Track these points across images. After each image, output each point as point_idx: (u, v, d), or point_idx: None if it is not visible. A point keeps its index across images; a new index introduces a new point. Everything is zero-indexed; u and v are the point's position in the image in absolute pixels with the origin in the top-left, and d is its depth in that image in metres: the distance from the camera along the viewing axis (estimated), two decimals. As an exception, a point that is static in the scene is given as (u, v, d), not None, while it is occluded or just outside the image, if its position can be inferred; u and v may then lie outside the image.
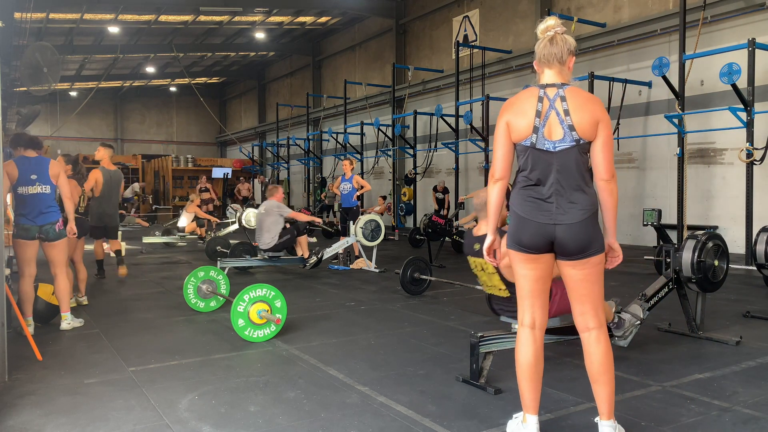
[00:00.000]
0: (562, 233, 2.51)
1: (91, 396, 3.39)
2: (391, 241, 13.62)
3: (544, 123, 2.51)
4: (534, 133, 2.52)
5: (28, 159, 4.86)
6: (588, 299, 2.61)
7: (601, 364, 2.59)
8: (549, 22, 2.61)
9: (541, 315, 2.69)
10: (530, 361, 2.67)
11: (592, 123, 2.49)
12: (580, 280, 2.59)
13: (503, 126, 2.61)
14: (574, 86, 2.57)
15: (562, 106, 2.50)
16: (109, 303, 6.27)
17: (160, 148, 31.78)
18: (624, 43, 11.92)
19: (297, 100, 24.49)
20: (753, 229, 8.12)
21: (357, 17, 20.37)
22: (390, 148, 17.31)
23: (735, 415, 3.06)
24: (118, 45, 21.08)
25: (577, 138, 2.49)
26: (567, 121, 2.49)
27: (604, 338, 2.62)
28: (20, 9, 13.77)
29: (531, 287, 2.66)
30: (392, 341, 4.60)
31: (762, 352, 4.21)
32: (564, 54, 2.57)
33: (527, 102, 2.56)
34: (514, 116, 2.58)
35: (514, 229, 2.63)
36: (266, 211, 8.09)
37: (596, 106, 2.53)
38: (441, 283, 6.81)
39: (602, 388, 2.60)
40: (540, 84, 2.59)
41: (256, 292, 4.53)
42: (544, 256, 2.61)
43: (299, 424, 2.96)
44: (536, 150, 2.53)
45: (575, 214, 2.51)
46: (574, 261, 2.56)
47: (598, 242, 2.56)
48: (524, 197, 2.59)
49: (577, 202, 2.51)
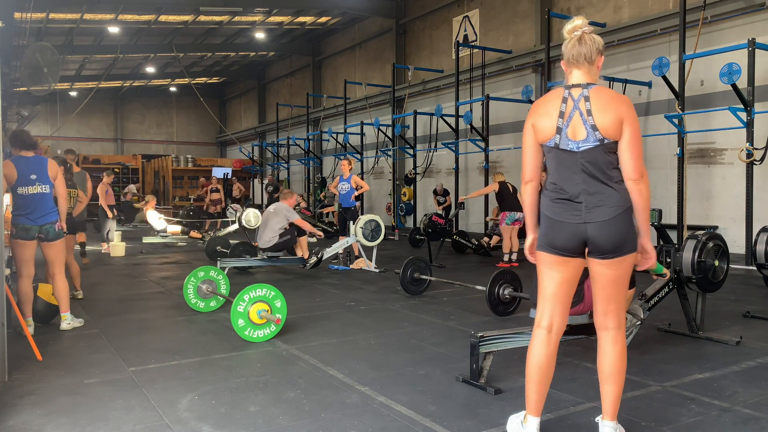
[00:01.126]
0: (594, 231, 2.50)
1: (91, 396, 3.39)
2: (391, 241, 13.62)
3: (567, 123, 2.51)
4: (557, 134, 2.53)
5: (26, 159, 4.86)
6: (614, 299, 2.60)
7: (614, 365, 2.60)
8: (576, 22, 2.59)
9: (559, 320, 2.66)
10: (541, 364, 2.65)
11: (616, 122, 2.46)
12: (611, 280, 2.57)
13: (529, 128, 2.63)
14: (600, 86, 2.55)
15: (585, 107, 2.49)
16: (109, 303, 6.26)
17: (160, 148, 31.77)
18: (624, 43, 11.92)
19: (297, 100, 24.48)
20: (753, 229, 8.13)
21: (357, 17, 20.37)
22: (390, 148, 17.30)
23: (735, 415, 3.06)
24: (118, 45, 21.08)
25: (600, 138, 2.47)
26: (589, 121, 2.48)
27: (621, 340, 2.62)
28: (20, 9, 13.76)
29: (555, 290, 2.65)
30: (392, 341, 4.60)
31: (762, 352, 4.21)
32: (593, 53, 2.54)
33: (551, 103, 2.57)
34: (539, 118, 2.59)
35: (546, 231, 2.62)
36: (275, 210, 8.24)
37: (621, 104, 2.50)
38: (441, 283, 6.81)
39: (611, 389, 2.60)
40: (566, 85, 2.59)
41: (256, 292, 4.53)
42: (574, 260, 2.61)
43: (299, 424, 2.96)
44: (560, 150, 2.54)
45: (605, 212, 2.48)
46: (608, 260, 2.54)
47: (632, 241, 2.54)
48: (552, 198, 2.60)
49: (606, 200, 2.49)
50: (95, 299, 6.45)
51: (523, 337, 3.73)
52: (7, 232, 4.79)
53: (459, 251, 10.80)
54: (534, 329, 2.70)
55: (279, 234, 8.08)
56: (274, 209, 8.27)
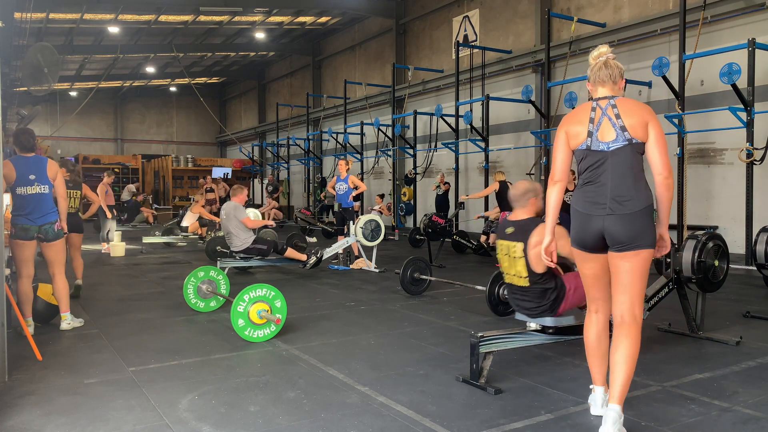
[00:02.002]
0: (611, 223, 2.74)
1: (91, 396, 3.39)
2: (391, 241, 13.62)
3: (597, 128, 2.81)
4: (589, 137, 2.82)
5: (25, 159, 4.86)
6: (629, 290, 2.79)
7: (624, 354, 2.78)
8: (602, 49, 2.97)
9: (603, 305, 2.99)
10: (594, 340, 3.00)
11: (642, 124, 2.76)
12: (626, 271, 2.77)
13: (563, 135, 2.94)
14: (624, 97, 2.87)
15: (613, 112, 2.80)
16: (109, 303, 6.26)
17: (160, 148, 31.77)
18: (624, 43, 11.92)
19: (297, 100, 24.48)
20: (753, 229, 8.12)
21: (357, 17, 20.37)
22: (390, 148, 17.30)
23: (735, 415, 3.06)
24: (118, 45, 21.08)
25: (629, 137, 2.75)
26: (618, 123, 2.77)
27: (635, 331, 2.81)
28: (20, 9, 13.76)
29: (590, 283, 2.99)
30: (392, 341, 4.60)
31: (762, 352, 4.21)
32: (617, 76, 2.88)
33: (582, 113, 2.89)
34: (572, 125, 2.90)
35: (576, 228, 2.89)
36: (226, 215, 7.62)
37: (645, 110, 2.82)
38: (441, 283, 6.81)
39: (621, 375, 2.76)
40: (594, 99, 2.91)
41: (256, 292, 4.53)
42: (600, 256, 2.87)
43: (299, 424, 2.96)
44: (592, 152, 2.81)
45: (627, 206, 2.72)
46: (623, 252, 2.75)
47: (650, 237, 2.75)
48: (583, 195, 2.85)
49: (632, 197, 2.73)
50: (95, 299, 6.45)
51: (523, 337, 3.74)
52: (7, 232, 4.79)
53: (459, 251, 10.79)
54: (586, 315, 3.07)
55: (251, 239, 7.67)
56: (226, 214, 7.63)
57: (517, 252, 3.64)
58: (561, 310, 3.69)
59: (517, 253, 3.64)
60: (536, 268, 3.56)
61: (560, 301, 3.66)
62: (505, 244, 3.73)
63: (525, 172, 14.17)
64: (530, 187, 3.76)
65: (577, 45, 12.69)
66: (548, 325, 3.72)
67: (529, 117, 14.07)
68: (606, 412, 2.75)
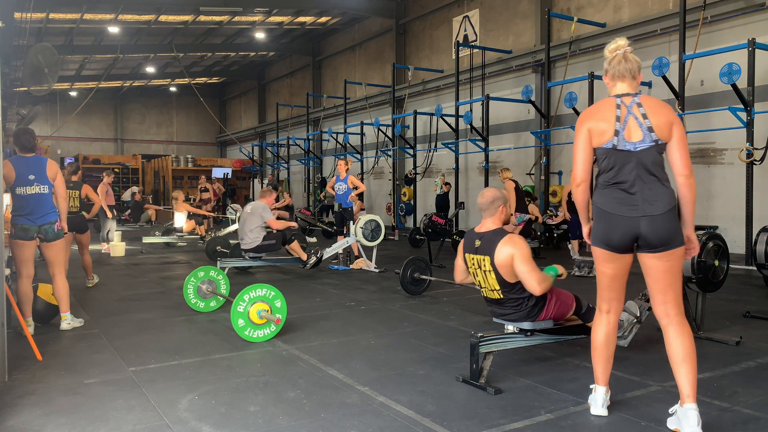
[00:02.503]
0: (647, 225, 2.72)
1: (91, 396, 3.39)
2: (391, 241, 13.62)
3: (623, 126, 2.78)
4: (615, 135, 2.78)
5: (25, 159, 4.85)
6: (671, 289, 2.81)
7: (685, 348, 2.76)
8: (619, 42, 2.91)
9: (616, 305, 3.00)
10: (602, 340, 2.99)
11: (668, 124, 2.76)
12: (664, 271, 2.79)
13: (585, 133, 2.86)
14: (645, 95, 2.86)
15: (639, 111, 2.78)
16: (109, 303, 6.26)
17: (160, 148, 31.77)
18: (624, 43, 11.92)
19: (297, 100, 24.49)
20: (753, 229, 8.12)
21: (357, 17, 20.37)
22: (390, 148, 17.30)
23: (735, 415, 3.06)
24: (118, 45, 21.08)
25: (655, 138, 2.74)
26: (646, 123, 2.75)
27: (687, 326, 2.82)
28: (20, 9, 13.76)
29: (608, 284, 2.96)
30: (392, 341, 4.60)
31: (762, 352, 4.21)
32: (635, 70, 2.88)
33: (606, 109, 2.84)
34: (596, 123, 2.83)
35: (602, 228, 2.85)
36: (252, 210, 7.93)
37: (668, 110, 2.81)
38: (441, 283, 6.81)
39: (687, 370, 2.74)
40: (615, 94, 2.87)
41: (256, 292, 4.53)
42: (624, 256, 2.86)
43: (299, 424, 2.96)
44: (618, 151, 2.78)
45: (658, 207, 2.72)
46: (659, 253, 2.76)
47: (680, 235, 2.79)
48: (609, 195, 2.82)
49: (659, 196, 2.74)
50: (95, 299, 6.45)
51: (523, 337, 3.74)
52: (7, 232, 4.79)
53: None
54: (596, 315, 3.05)
55: (262, 236, 7.83)
56: (251, 209, 7.95)
57: (486, 265, 3.59)
58: (542, 317, 3.65)
59: (486, 266, 3.59)
60: (508, 278, 3.53)
61: (540, 310, 3.62)
62: (476, 258, 3.67)
63: (525, 172, 14.18)
64: (498, 195, 3.69)
65: (577, 45, 12.69)
66: (526, 329, 3.67)
67: (529, 117, 14.07)
68: (686, 413, 2.72)
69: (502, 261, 3.50)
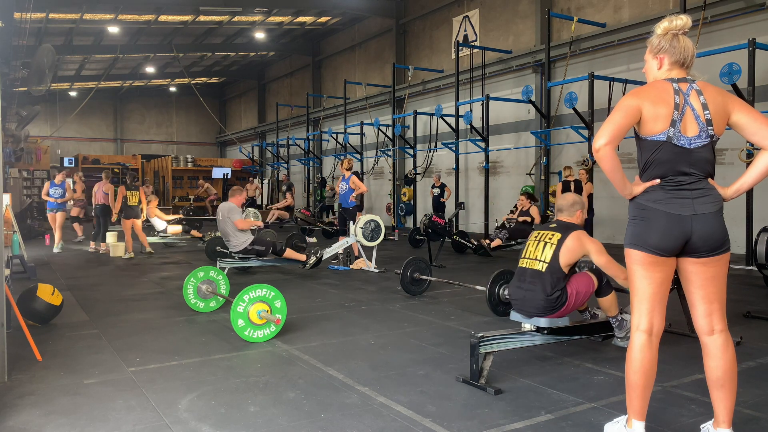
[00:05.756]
0: (700, 225, 2.44)
1: (91, 396, 3.39)
2: (391, 241, 13.61)
3: (680, 117, 2.46)
4: (672, 126, 2.45)
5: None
6: (716, 298, 2.53)
7: (728, 370, 2.50)
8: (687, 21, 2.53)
9: (659, 321, 2.56)
10: (644, 368, 2.52)
11: (725, 117, 2.48)
12: (710, 278, 2.51)
13: (635, 108, 2.46)
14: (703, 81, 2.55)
15: (699, 100, 2.47)
16: (109, 303, 6.26)
17: (160, 148, 31.78)
18: (624, 43, 11.92)
19: (297, 100, 24.49)
20: (753, 229, 8.12)
21: (357, 17, 20.37)
22: (390, 148, 17.30)
23: (735, 415, 3.05)
24: (118, 45, 21.08)
25: (712, 134, 2.46)
26: (704, 115, 2.45)
27: (730, 342, 2.54)
28: (20, 9, 13.76)
29: (653, 291, 2.54)
30: (392, 341, 4.60)
31: (762, 352, 4.21)
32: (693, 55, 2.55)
33: (665, 92, 2.48)
34: (653, 104, 2.46)
35: (642, 230, 2.53)
36: (222, 217, 7.58)
37: (725, 96, 2.51)
38: (441, 283, 6.81)
39: (726, 395, 2.52)
40: (671, 78, 2.52)
41: (255, 292, 4.53)
42: (670, 260, 2.53)
43: (299, 425, 2.96)
44: (671, 146, 2.46)
45: (710, 206, 2.47)
46: (706, 258, 2.49)
47: (728, 239, 2.53)
48: (660, 192, 2.50)
49: (710, 194, 2.48)
50: (95, 299, 6.45)
51: (523, 338, 3.74)
52: (8, 232, 4.79)
53: (459, 251, 10.79)
54: (632, 332, 2.58)
55: (249, 239, 7.64)
56: (221, 215, 7.58)
57: (553, 240, 3.81)
58: (559, 314, 3.76)
59: (553, 240, 3.81)
60: (563, 261, 3.73)
61: (561, 305, 3.73)
62: (544, 233, 3.91)
63: (525, 172, 14.18)
64: (578, 200, 4.05)
65: (577, 45, 12.69)
66: (542, 326, 3.77)
67: (529, 117, 14.08)
68: None
69: (570, 246, 3.74)
